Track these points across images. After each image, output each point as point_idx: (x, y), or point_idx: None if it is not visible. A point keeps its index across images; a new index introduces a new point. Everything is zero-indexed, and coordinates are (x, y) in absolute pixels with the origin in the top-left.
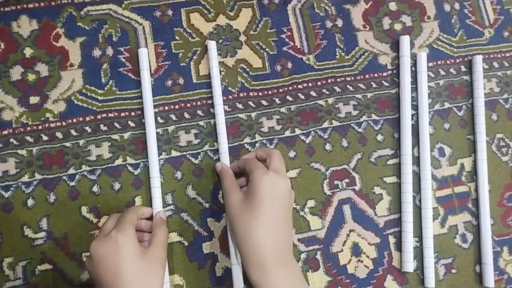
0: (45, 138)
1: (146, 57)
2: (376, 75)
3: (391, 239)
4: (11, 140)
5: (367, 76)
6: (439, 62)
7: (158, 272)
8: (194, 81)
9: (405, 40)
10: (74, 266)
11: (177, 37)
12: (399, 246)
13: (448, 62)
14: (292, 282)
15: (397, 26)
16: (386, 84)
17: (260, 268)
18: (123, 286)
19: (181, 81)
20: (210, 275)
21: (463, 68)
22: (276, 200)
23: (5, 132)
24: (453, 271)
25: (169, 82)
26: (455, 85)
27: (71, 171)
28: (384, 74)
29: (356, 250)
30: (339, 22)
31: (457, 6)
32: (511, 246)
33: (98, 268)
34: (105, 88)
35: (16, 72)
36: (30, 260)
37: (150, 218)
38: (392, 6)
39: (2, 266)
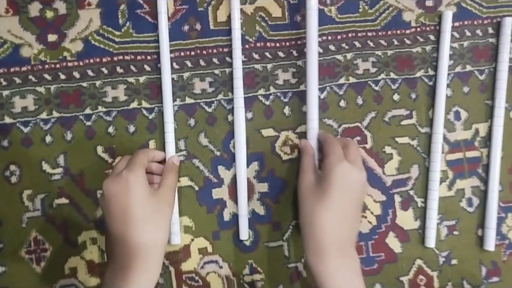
0: (62, 77)
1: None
2: (398, 32)
3: (397, 198)
4: (30, 77)
5: (389, 32)
6: (465, 23)
7: (166, 211)
8: (211, 27)
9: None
10: (89, 202)
11: None
12: (404, 205)
13: (475, 23)
14: (349, 275)
15: None
16: (408, 42)
17: (317, 253)
18: (130, 222)
19: (198, 26)
20: (218, 219)
21: (490, 30)
22: (347, 190)
23: (24, 68)
24: (455, 233)
25: (186, 27)
26: (480, 47)
27: (88, 111)
28: (407, 31)
29: None
30: None
31: None
32: None
33: (109, 205)
34: (122, 30)
35: (34, 8)
36: (48, 194)
37: (163, 162)
38: None
39: (22, 197)
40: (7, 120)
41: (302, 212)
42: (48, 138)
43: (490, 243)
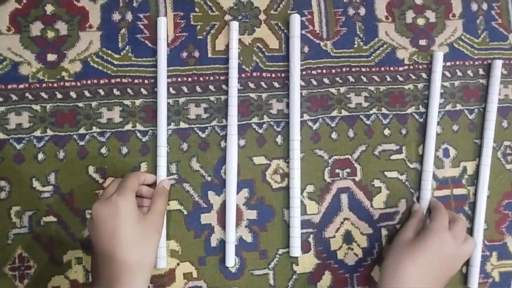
0: (59, 96)
1: (165, 26)
2: (392, 68)
3: (384, 232)
4: (27, 94)
5: (382, 68)
6: (457, 63)
7: (153, 236)
8: (209, 55)
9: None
10: (77, 221)
11: (197, 9)
12: (390, 239)
13: (466, 63)
14: None
15: (420, 21)
16: (400, 79)
17: None
18: (118, 244)
19: (196, 54)
20: (205, 244)
21: (481, 71)
22: (439, 257)
23: (21, 86)
24: None
25: (185, 54)
26: (470, 87)
27: (82, 131)
28: (400, 69)
29: (348, 238)
30: (362, 11)
31: (484, 6)
32: (500, 252)
33: (98, 229)
34: (121, 53)
35: (36, 28)
36: (36, 211)
37: (153, 185)
38: (418, 0)
39: (10, 213)
40: (1, 136)
41: (387, 261)
42: (40, 156)
43: (474, 281)
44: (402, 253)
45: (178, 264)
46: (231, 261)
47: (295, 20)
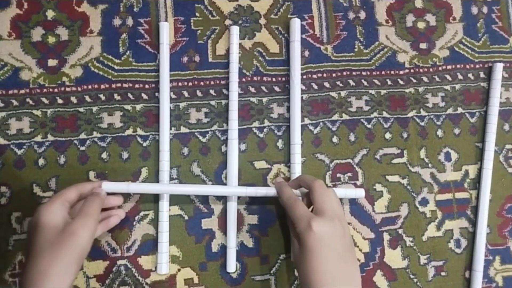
0: (60, 101)
1: (167, 31)
2: (392, 72)
3: (386, 236)
4: (27, 100)
5: (383, 72)
6: (458, 66)
7: (80, 236)
8: (210, 60)
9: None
10: None
11: (197, 14)
12: (392, 244)
13: (467, 66)
14: None
15: (421, 25)
16: (401, 82)
17: None
18: (37, 251)
19: (197, 58)
20: (206, 250)
21: (481, 74)
22: (327, 247)
23: (22, 91)
24: (443, 274)
25: (185, 59)
26: (471, 90)
27: (83, 136)
28: (401, 72)
29: None
30: (362, 15)
31: (485, 9)
32: (504, 256)
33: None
34: (122, 58)
35: (37, 33)
36: None
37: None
38: (418, 3)
39: (10, 219)
40: (1, 141)
41: (300, 278)
42: (41, 161)
43: (477, 286)
44: (302, 271)
45: (179, 270)
46: (232, 266)
47: (295, 24)
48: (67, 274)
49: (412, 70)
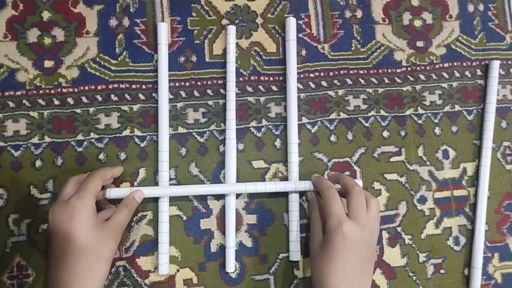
0: (56, 102)
1: (165, 32)
2: (389, 70)
3: (385, 234)
4: (24, 101)
5: (380, 71)
6: (455, 64)
7: (109, 244)
8: (207, 59)
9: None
10: None
11: (194, 14)
12: (391, 242)
13: (464, 64)
14: None
15: (417, 23)
16: (398, 80)
17: None
18: (72, 251)
19: (194, 58)
20: (205, 250)
21: (478, 72)
22: (351, 251)
23: (18, 93)
24: (442, 271)
25: (182, 59)
26: (468, 88)
27: (80, 137)
28: (398, 70)
29: None
30: (359, 13)
31: (481, 7)
32: (502, 253)
33: (53, 233)
34: (119, 59)
35: (33, 35)
36: (34, 219)
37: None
38: (415, 1)
39: (7, 221)
40: None
41: (313, 274)
42: (38, 163)
43: (476, 283)
44: (318, 265)
45: (178, 270)
46: (231, 266)
47: (291, 23)
48: (104, 277)
49: (409, 68)
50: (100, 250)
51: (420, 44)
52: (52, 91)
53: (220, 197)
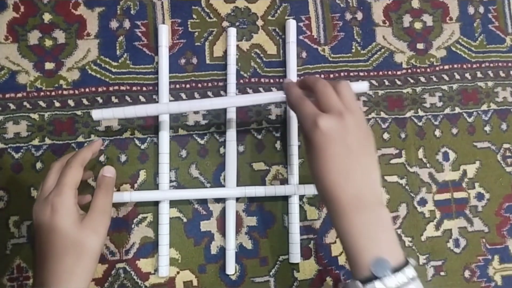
0: (57, 104)
1: (166, 34)
2: (390, 72)
3: None
4: (25, 103)
5: (380, 73)
6: (455, 66)
7: (91, 239)
8: (208, 62)
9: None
10: None
11: (194, 16)
12: None
13: (464, 66)
14: (367, 231)
15: (417, 25)
16: (399, 83)
17: (334, 215)
18: (54, 250)
19: (194, 60)
20: (205, 252)
21: (479, 74)
22: (338, 145)
23: (19, 95)
24: (442, 273)
25: (183, 61)
26: (469, 90)
27: (80, 139)
28: (398, 72)
29: None
30: (359, 15)
31: (481, 9)
32: (502, 255)
33: (36, 232)
34: (119, 61)
35: (33, 37)
36: None
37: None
38: (415, 3)
39: (8, 223)
40: None
41: (313, 180)
42: (38, 165)
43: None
44: (312, 167)
45: (178, 273)
46: (232, 268)
47: (291, 25)
48: (90, 273)
49: (409, 70)
50: (82, 247)
51: (420, 46)
52: (53, 93)
53: (220, 199)
